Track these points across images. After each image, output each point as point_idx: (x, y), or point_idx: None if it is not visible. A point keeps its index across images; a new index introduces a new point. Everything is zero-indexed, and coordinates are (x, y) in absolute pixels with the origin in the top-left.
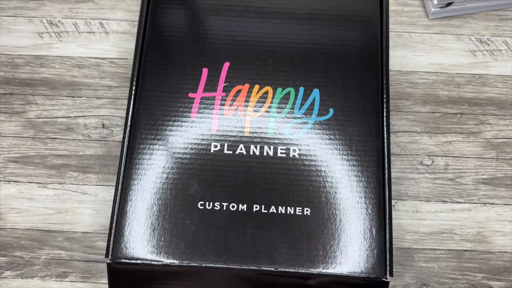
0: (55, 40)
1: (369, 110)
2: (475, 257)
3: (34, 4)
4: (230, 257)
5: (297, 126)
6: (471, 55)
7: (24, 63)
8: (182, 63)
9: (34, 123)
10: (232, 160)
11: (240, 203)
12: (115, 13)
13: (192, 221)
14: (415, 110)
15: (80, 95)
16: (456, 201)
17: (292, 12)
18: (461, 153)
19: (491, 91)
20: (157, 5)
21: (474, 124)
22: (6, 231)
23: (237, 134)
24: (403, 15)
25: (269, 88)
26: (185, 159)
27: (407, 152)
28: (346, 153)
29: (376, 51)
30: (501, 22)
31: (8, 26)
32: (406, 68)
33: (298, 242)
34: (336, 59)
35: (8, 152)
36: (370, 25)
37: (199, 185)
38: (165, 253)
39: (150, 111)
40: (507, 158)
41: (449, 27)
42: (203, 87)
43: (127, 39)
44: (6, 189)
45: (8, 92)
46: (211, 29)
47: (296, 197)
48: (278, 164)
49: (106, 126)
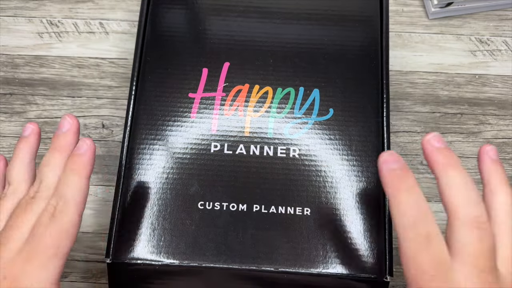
0: (55, 40)
1: (369, 110)
2: None
3: (34, 4)
4: (230, 257)
5: (297, 126)
6: (471, 55)
7: (24, 63)
8: (182, 63)
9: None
10: (232, 160)
11: (240, 203)
12: (115, 13)
13: (192, 221)
14: (415, 110)
15: (80, 95)
16: None
17: (292, 12)
18: (461, 153)
19: (491, 91)
20: (157, 5)
21: (474, 124)
22: None
23: (237, 134)
24: (403, 15)
25: (269, 88)
26: (185, 159)
27: (407, 152)
28: (346, 153)
29: (376, 51)
30: (501, 22)
31: (8, 26)
32: (406, 68)
33: (298, 242)
34: (336, 59)
35: (8, 152)
36: (370, 25)
37: (199, 185)
38: (165, 253)
39: (150, 111)
40: (507, 158)
41: (449, 27)
42: (203, 87)
43: (127, 39)
44: None
45: (8, 92)
46: (211, 29)
47: (296, 197)
48: (278, 164)
49: (106, 126)
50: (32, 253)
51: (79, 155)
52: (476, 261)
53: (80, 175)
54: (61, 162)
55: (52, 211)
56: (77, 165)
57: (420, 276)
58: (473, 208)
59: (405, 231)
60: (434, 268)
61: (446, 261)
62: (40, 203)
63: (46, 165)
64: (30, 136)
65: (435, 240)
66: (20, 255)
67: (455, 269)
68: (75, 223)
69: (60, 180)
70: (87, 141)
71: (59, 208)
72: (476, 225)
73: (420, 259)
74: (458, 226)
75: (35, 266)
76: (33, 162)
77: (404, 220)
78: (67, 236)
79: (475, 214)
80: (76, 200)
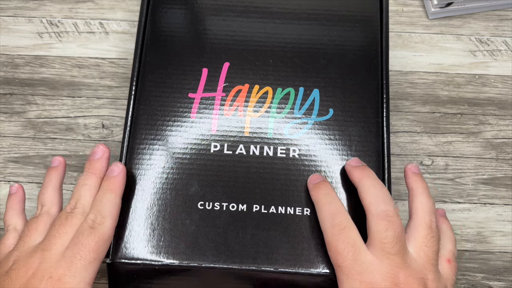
0: (55, 40)
1: (369, 110)
2: (475, 257)
3: (34, 4)
4: (230, 257)
5: (297, 126)
6: (471, 55)
7: (24, 63)
8: (182, 63)
9: (34, 123)
10: (232, 160)
11: (240, 203)
12: (115, 13)
13: (192, 221)
14: (415, 110)
15: (80, 95)
16: (456, 201)
17: (292, 12)
18: (461, 153)
19: (491, 91)
20: (157, 5)
21: (474, 124)
22: None
23: (237, 134)
24: (403, 15)
25: (269, 88)
26: (185, 159)
27: (407, 152)
28: (346, 153)
29: (376, 51)
30: (501, 22)
31: (8, 26)
32: (406, 68)
33: (298, 242)
34: (336, 59)
35: (8, 152)
36: (370, 25)
37: (199, 185)
38: (165, 253)
39: (150, 111)
40: (507, 158)
41: (449, 27)
42: (203, 87)
43: (127, 39)
44: (6, 189)
45: (8, 92)
46: (211, 29)
47: (296, 197)
48: (278, 164)
49: (106, 126)
50: (77, 256)
51: (113, 177)
52: (383, 245)
53: (115, 193)
54: (96, 183)
55: (91, 223)
56: (113, 185)
57: (336, 257)
58: (382, 204)
59: (324, 223)
60: (346, 250)
61: (357, 245)
62: (78, 217)
63: (83, 185)
64: (59, 167)
65: (346, 228)
66: (64, 259)
67: (368, 252)
68: (110, 234)
69: (97, 197)
70: (119, 165)
71: (97, 221)
72: (384, 217)
73: (335, 243)
74: (371, 219)
75: (79, 267)
76: (61, 188)
77: (323, 215)
78: (104, 244)
79: (383, 209)
80: (112, 214)
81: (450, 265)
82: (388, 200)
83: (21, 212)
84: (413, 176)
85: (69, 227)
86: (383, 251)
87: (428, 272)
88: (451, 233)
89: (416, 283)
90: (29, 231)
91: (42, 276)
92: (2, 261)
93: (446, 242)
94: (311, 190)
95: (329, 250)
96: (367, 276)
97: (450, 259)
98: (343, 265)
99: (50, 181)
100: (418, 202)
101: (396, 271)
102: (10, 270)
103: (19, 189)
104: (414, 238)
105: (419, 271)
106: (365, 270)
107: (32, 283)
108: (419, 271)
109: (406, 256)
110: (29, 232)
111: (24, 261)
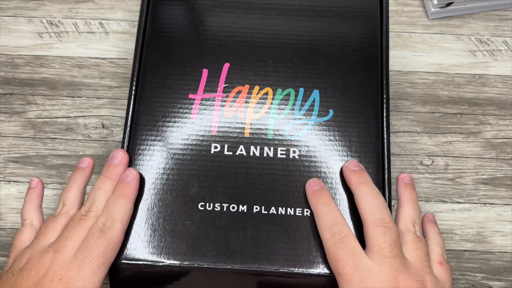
0: (55, 40)
1: (369, 110)
2: (475, 257)
3: (34, 4)
4: (230, 258)
5: (297, 127)
6: (471, 55)
7: (24, 63)
8: (182, 64)
9: (34, 123)
10: (232, 161)
11: (240, 204)
12: (115, 13)
13: (193, 222)
14: (415, 110)
15: (80, 95)
16: (456, 201)
17: (293, 12)
18: (461, 153)
19: (491, 91)
20: (157, 5)
21: (474, 124)
22: (6, 231)
23: (237, 135)
24: (403, 15)
25: (269, 89)
26: (185, 160)
27: (407, 152)
28: (346, 154)
29: (376, 51)
30: (501, 22)
31: (8, 26)
32: (406, 68)
33: (298, 243)
34: (336, 59)
35: (8, 152)
36: (370, 25)
37: (200, 186)
38: (165, 254)
39: (150, 112)
40: (507, 158)
41: (449, 27)
42: (203, 88)
43: (127, 39)
44: (6, 189)
45: (8, 92)
46: (211, 30)
47: (296, 198)
48: (278, 165)
49: (106, 126)
50: (86, 260)
51: (127, 183)
52: (381, 250)
53: (127, 199)
54: (111, 188)
55: (101, 226)
56: (126, 191)
57: (336, 265)
58: (378, 212)
59: (323, 232)
60: (346, 257)
61: (356, 252)
62: (91, 219)
63: (99, 189)
64: (87, 168)
65: (345, 237)
66: (74, 262)
67: (368, 259)
68: (119, 238)
69: (109, 202)
70: (132, 171)
71: (107, 225)
72: (380, 224)
73: (335, 251)
74: (368, 227)
75: (88, 271)
76: (85, 189)
77: (322, 225)
78: (113, 248)
79: (379, 217)
80: (122, 219)
81: (443, 267)
82: (384, 207)
83: (38, 207)
84: (403, 188)
85: (81, 229)
86: (382, 256)
87: (425, 274)
88: (438, 237)
89: (416, 286)
90: (46, 230)
91: (53, 278)
92: (17, 257)
93: (433, 247)
94: (309, 197)
95: (329, 258)
96: (368, 282)
97: (441, 262)
98: (343, 272)
99: (75, 181)
100: (403, 213)
101: (396, 275)
102: (24, 269)
103: (39, 183)
104: (404, 243)
105: (417, 273)
106: (366, 276)
107: (42, 284)
108: (417, 273)
109: (404, 259)
110: (46, 230)
111: (36, 261)
